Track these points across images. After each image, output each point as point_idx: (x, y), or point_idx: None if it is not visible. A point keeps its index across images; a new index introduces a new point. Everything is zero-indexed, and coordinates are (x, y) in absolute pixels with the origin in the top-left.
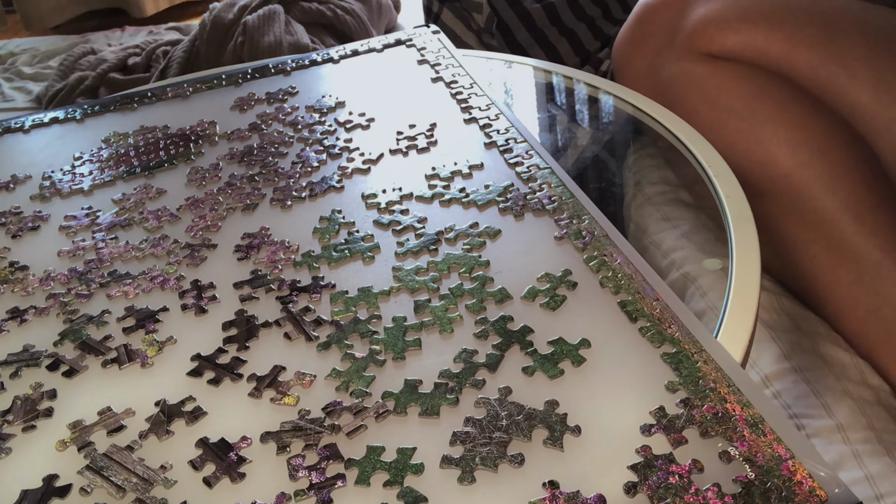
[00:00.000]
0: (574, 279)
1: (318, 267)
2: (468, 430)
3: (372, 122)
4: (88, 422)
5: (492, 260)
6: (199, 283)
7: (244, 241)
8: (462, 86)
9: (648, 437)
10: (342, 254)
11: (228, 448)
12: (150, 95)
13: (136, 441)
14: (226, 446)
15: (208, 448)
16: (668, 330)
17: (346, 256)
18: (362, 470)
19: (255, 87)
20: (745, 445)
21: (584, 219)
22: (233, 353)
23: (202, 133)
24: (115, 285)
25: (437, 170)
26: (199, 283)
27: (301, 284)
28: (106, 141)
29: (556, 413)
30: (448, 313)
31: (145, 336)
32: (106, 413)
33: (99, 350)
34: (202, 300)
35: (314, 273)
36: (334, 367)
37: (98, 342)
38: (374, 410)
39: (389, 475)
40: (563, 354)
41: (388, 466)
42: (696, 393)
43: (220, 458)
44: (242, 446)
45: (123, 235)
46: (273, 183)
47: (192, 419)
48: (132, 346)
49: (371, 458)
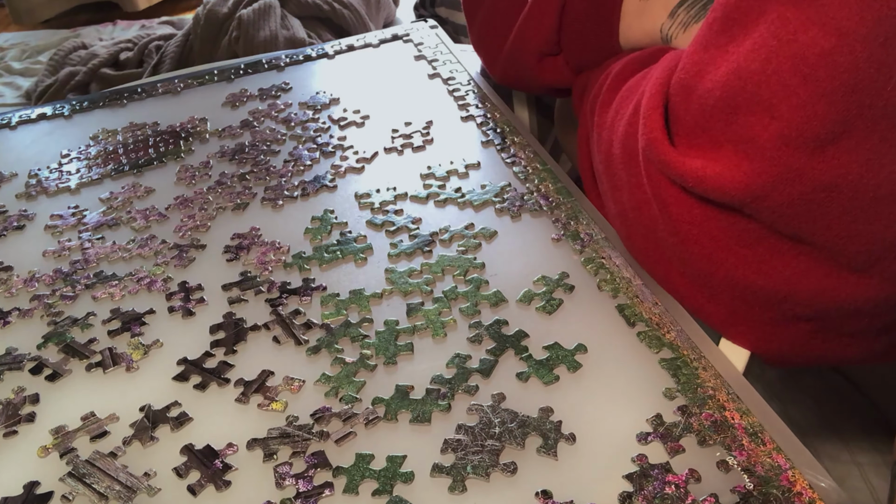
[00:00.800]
0: (571, 282)
1: (309, 269)
2: (460, 437)
3: (367, 120)
4: (71, 427)
5: (487, 262)
6: (188, 285)
7: (234, 241)
8: (459, 82)
9: (645, 445)
10: (334, 255)
11: (214, 455)
12: (140, 91)
13: (119, 447)
14: (211, 453)
15: (193, 455)
16: (667, 335)
17: (337, 258)
18: (351, 478)
19: (247, 83)
20: (743, 455)
21: (582, 220)
22: (220, 357)
23: (192, 130)
24: (100, 286)
25: (433, 169)
26: (188, 285)
27: (291, 287)
28: (94, 138)
29: (550, 420)
30: (441, 317)
31: (131, 339)
32: (89, 418)
33: (83, 354)
34: (189, 302)
35: (304, 275)
36: (323, 373)
37: (82, 345)
38: (363, 417)
39: (378, 484)
40: (558, 360)
41: (377, 475)
42: (695, 400)
43: (205, 465)
44: (228, 453)
45: (111, 235)
46: (264, 182)
47: (178, 425)
48: (117, 350)
49: (360, 466)
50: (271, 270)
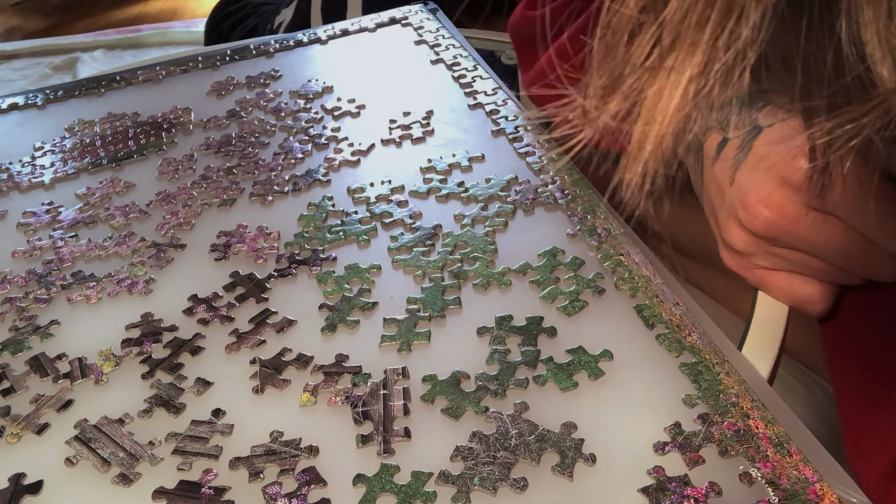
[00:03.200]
0: (601, 285)
1: (310, 249)
2: (472, 445)
3: (362, 110)
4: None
5: (497, 257)
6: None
7: (220, 239)
8: (465, 68)
9: (662, 455)
10: (336, 236)
11: (195, 487)
12: (119, 80)
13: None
14: (191, 486)
15: (171, 495)
16: (688, 338)
17: (340, 238)
18: (370, 488)
19: (234, 70)
20: (768, 466)
21: (599, 214)
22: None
23: (175, 121)
24: (77, 288)
25: (434, 162)
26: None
27: (300, 257)
28: (70, 129)
29: (571, 438)
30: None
31: (102, 350)
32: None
33: (46, 371)
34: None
35: (305, 255)
36: (383, 334)
37: (49, 360)
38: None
39: (398, 500)
40: (580, 365)
41: (397, 489)
42: (717, 408)
43: (193, 498)
44: (209, 479)
45: (86, 233)
46: (253, 176)
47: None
48: (87, 361)
49: (382, 478)
50: (266, 259)
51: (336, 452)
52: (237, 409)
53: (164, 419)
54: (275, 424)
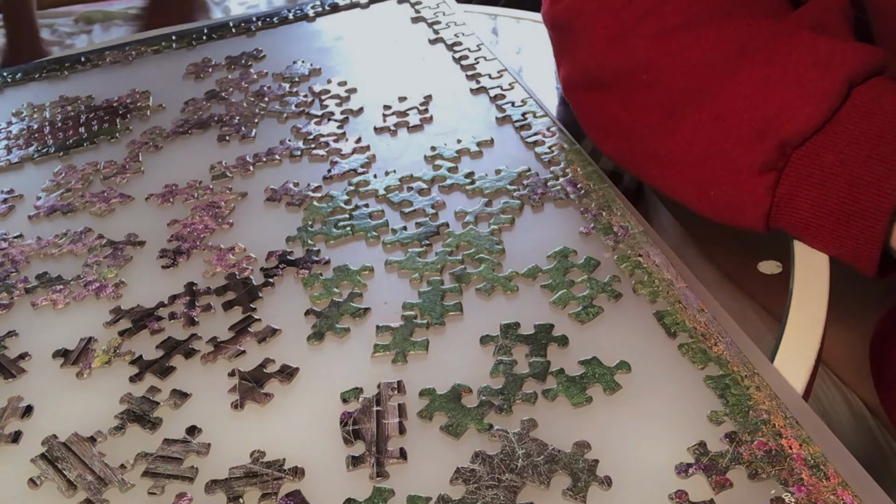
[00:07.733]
0: (618, 289)
1: (313, 244)
2: (475, 467)
3: (353, 94)
4: None
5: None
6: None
7: (171, 244)
8: (468, 48)
9: (685, 478)
10: (344, 231)
11: None
12: (84, 61)
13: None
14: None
15: None
16: (714, 348)
17: (347, 234)
18: None
19: (211, 51)
20: (803, 491)
21: (616, 210)
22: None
23: (132, 105)
24: (42, 292)
25: (439, 149)
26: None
27: (292, 257)
28: (17, 114)
29: (584, 459)
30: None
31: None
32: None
33: (10, 372)
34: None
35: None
36: (376, 343)
37: (11, 361)
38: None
39: None
40: (594, 378)
41: None
42: (745, 426)
43: None
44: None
45: (34, 230)
46: None
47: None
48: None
49: (374, 502)
50: (251, 270)
51: (324, 475)
52: (214, 425)
53: (138, 436)
54: (256, 443)
